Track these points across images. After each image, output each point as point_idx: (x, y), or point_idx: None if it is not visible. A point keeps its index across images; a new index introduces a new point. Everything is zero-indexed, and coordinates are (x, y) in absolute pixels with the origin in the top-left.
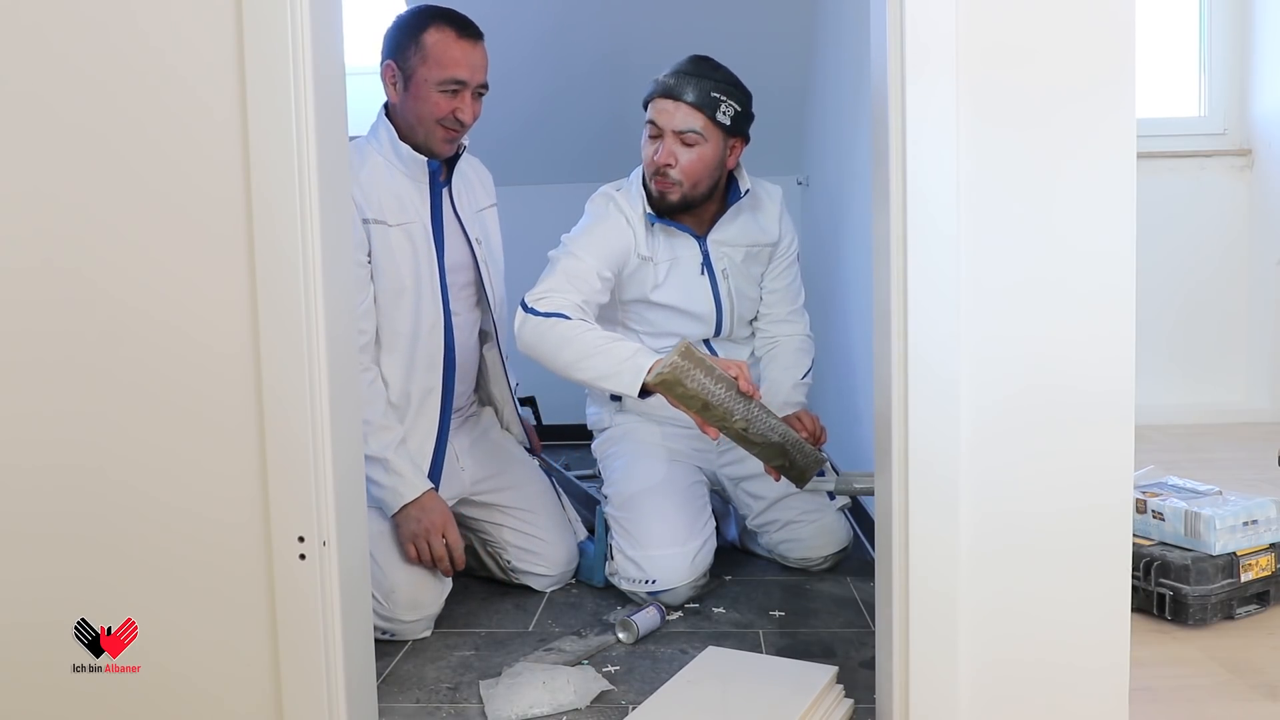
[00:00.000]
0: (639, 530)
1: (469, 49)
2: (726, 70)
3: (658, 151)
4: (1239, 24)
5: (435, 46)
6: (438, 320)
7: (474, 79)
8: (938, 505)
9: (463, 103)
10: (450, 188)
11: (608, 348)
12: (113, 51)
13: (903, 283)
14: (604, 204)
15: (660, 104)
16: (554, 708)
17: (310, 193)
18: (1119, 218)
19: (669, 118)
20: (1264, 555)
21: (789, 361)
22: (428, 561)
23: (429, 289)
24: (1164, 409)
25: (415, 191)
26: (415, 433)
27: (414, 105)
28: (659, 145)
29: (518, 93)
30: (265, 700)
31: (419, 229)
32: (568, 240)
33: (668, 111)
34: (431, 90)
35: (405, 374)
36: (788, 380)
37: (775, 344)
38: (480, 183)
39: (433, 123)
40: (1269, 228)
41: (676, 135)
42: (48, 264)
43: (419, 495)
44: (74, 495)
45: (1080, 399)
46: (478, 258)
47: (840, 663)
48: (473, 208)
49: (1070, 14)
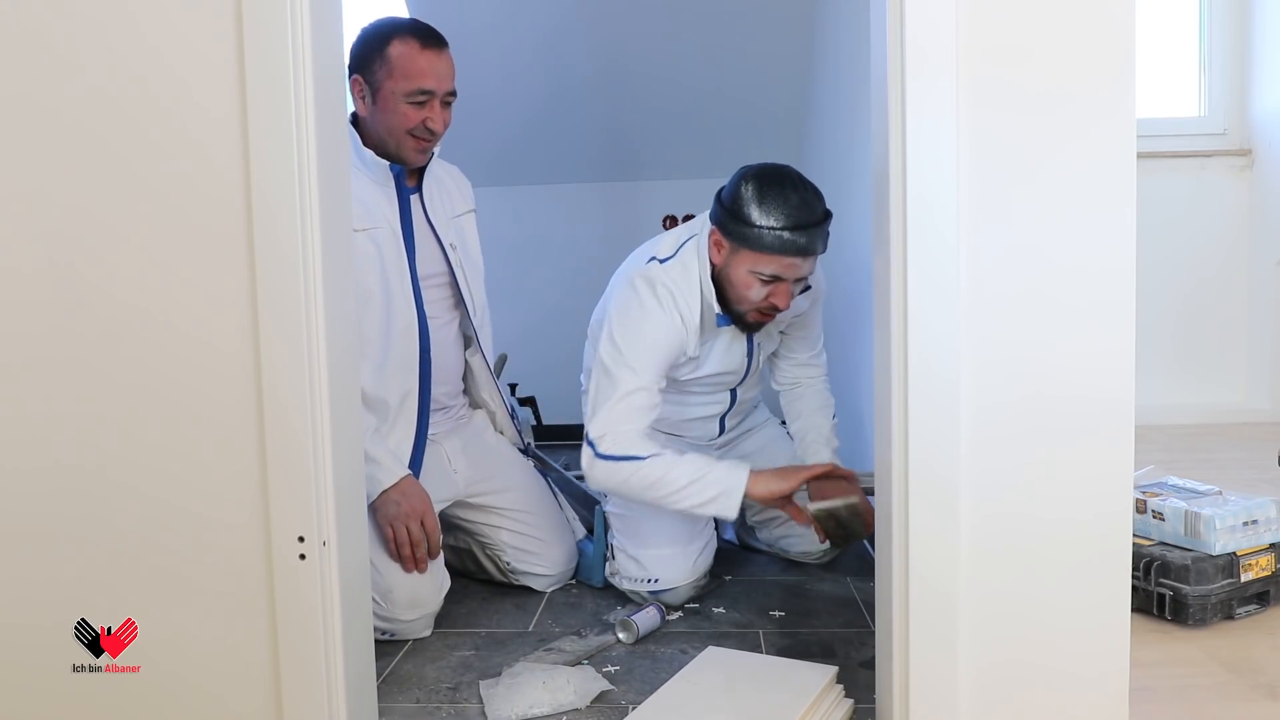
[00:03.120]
0: (641, 529)
1: (434, 58)
2: (815, 187)
3: (771, 294)
4: (1239, 24)
5: (400, 58)
6: (411, 323)
7: (441, 87)
8: (938, 506)
9: (432, 112)
10: (422, 194)
11: (697, 480)
12: (112, 51)
13: (903, 285)
14: (655, 302)
15: (790, 260)
16: (554, 708)
17: (310, 193)
18: (1119, 218)
19: (796, 270)
20: (1264, 555)
21: (820, 403)
22: (405, 547)
23: (400, 292)
24: (1164, 409)
25: (382, 196)
26: (393, 434)
27: (383, 118)
28: (773, 289)
29: (518, 95)
30: (265, 700)
31: (386, 234)
32: (621, 344)
33: (797, 266)
34: (400, 102)
35: (378, 378)
36: (825, 424)
37: (799, 384)
38: (457, 189)
39: (403, 134)
40: (1269, 228)
41: (797, 280)
42: (48, 264)
43: (397, 481)
44: (74, 495)
45: (1080, 403)
46: (452, 263)
47: (840, 663)
48: (447, 214)
49: (1070, 14)
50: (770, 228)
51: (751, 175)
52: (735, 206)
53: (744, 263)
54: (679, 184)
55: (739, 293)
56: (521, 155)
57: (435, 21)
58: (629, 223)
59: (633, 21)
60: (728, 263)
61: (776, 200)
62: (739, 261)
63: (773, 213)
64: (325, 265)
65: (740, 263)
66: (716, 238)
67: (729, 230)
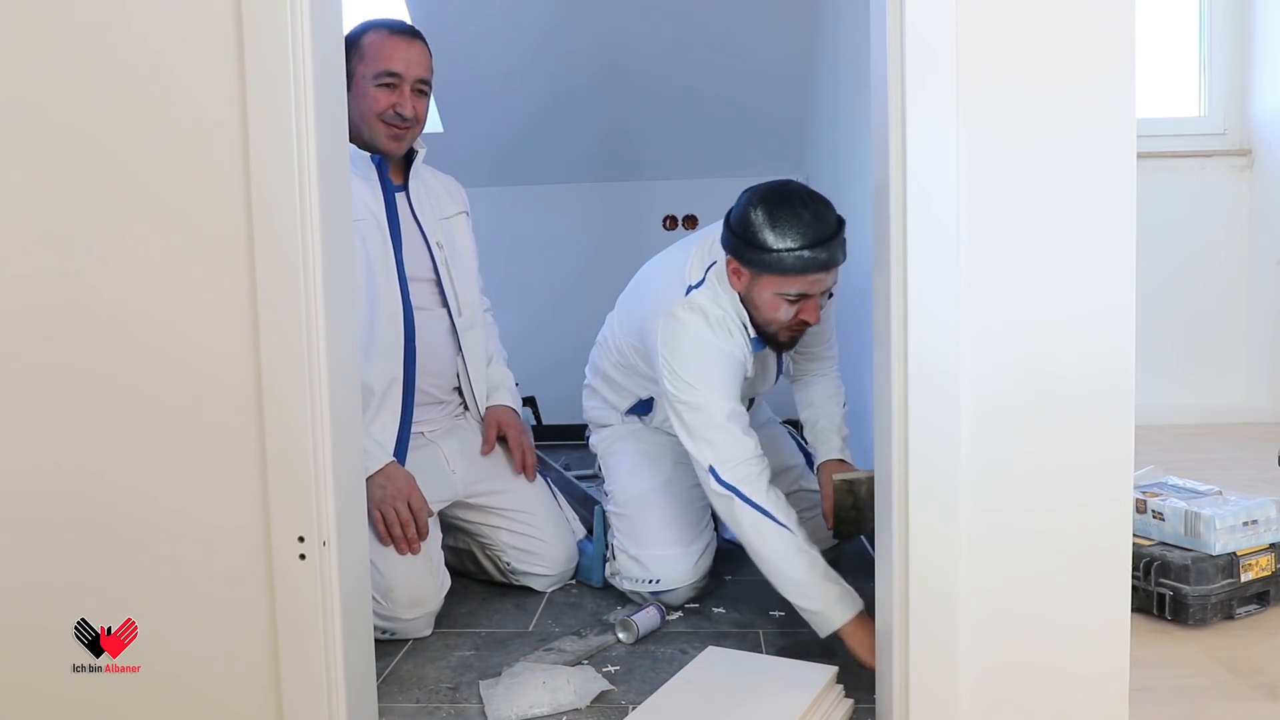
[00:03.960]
0: (643, 530)
1: (403, 44)
2: (823, 197)
3: (800, 311)
4: (1239, 24)
5: (371, 45)
6: (396, 312)
7: (409, 73)
8: (938, 501)
9: (401, 97)
10: (409, 193)
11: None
12: (111, 54)
13: (903, 281)
14: (711, 333)
15: (814, 277)
16: (554, 708)
17: (310, 193)
18: (1119, 213)
19: (821, 285)
20: (1264, 555)
21: (831, 390)
22: (394, 528)
23: (385, 280)
24: (1164, 409)
25: (366, 189)
26: (377, 420)
27: (356, 103)
28: (801, 306)
29: (518, 95)
30: (265, 700)
31: (371, 225)
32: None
33: (821, 281)
34: (369, 86)
35: (363, 366)
36: (835, 411)
37: (813, 375)
38: (447, 193)
39: (374, 118)
40: (1269, 228)
41: (823, 293)
42: (48, 268)
43: (382, 466)
44: (74, 497)
45: (1080, 394)
46: (437, 261)
47: (840, 663)
48: (436, 215)
49: (1071, 15)
50: (789, 249)
51: (759, 199)
52: (748, 234)
53: (767, 286)
54: (679, 184)
55: (767, 315)
56: (521, 155)
57: (435, 21)
58: (629, 223)
59: (633, 22)
60: (750, 289)
61: (789, 220)
62: (762, 286)
63: (788, 234)
64: (325, 267)
65: (764, 287)
66: (734, 266)
67: (746, 258)
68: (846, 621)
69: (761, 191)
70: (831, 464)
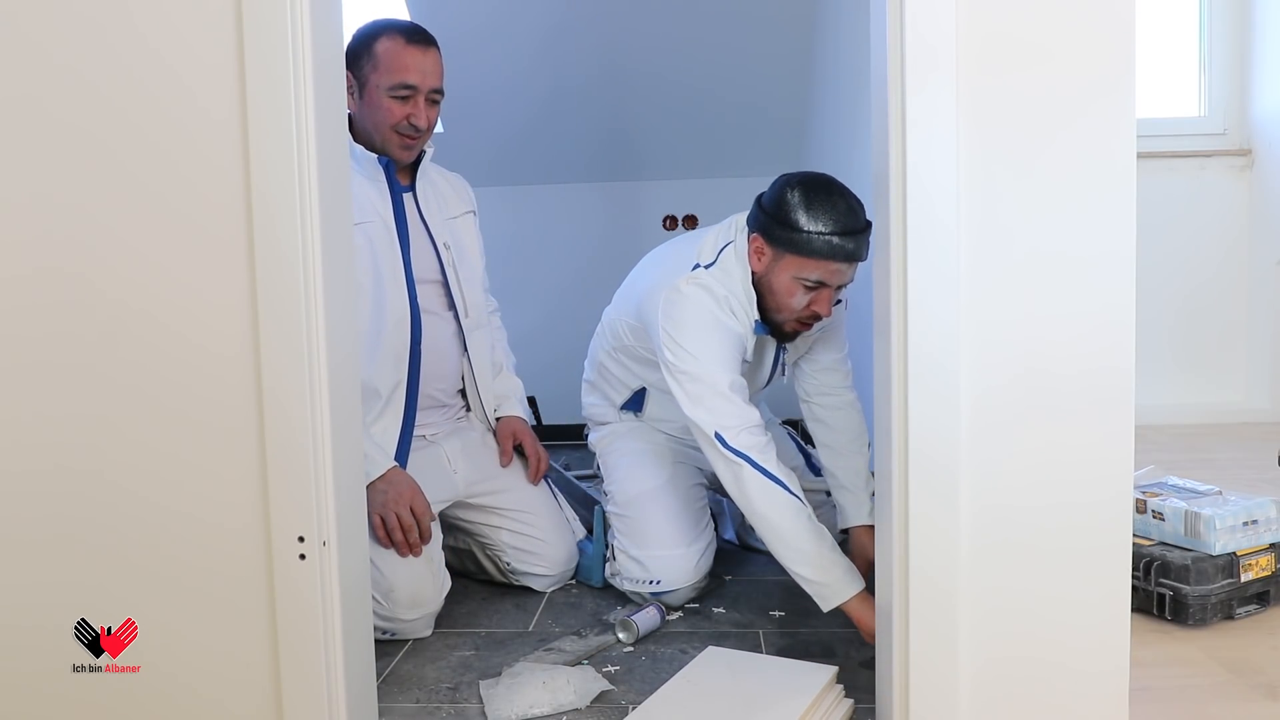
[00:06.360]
0: (643, 530)
1: (419, 54)
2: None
3: (813, 302)
4: (1239, 24)
5: (386, 53)
6: (404, 315)
7: (425, 84)
8: (938, 496)
9: (416, 108)
10: (416, 193)
11: (826, 555)
12: (112, 53)
13: (903, 276)
14: (717, 307)
15: (837, 265)
16: (554, 708)
17: (310, 193)
18: (1119, 212)
19: (841, 276)
20: (1264, 555)
21: (854, 432)
22: (396, 533)
23: (393, 284)
24: (1164, 409)
25: (374, 191)
26: (380, 423)
27: (369, 113)
28: (815, 296)
29: (518, 95)
30: (265, 700)
31: (379, 227)
32: (693, 349)
33: (842, 272)
34: (384, 96)
35: (371, 368)
36: (860, 465)
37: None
38: (454, 193)
39: (388, 129)
40: (1269, 228)
41: (839, 288)
42: (48, 267)
43: (384, 471)
44: (74, 497)
45: (1081, 390)
46: (444, 262)
47: (840, 663)
48: (443, 215)
49: (1071, 14)
50: (819, 233)
51: (797, 182)
52: (781, 212)
53: (789, 269)
54: (679, 184)
55: (780, 300)
56: (521, 155)
57: (435, 21)
58: (629, 223)
59: (633, 21)
60: (770, 270)
61: (824, 206)
62: (783, 268)
63: (821, 218)
64: (325, 267)
65: (785, 269)
66: (759, 244)
67: (774, 236)
68: (854, 595)
69: (800, 176)
70: (863, 531)
